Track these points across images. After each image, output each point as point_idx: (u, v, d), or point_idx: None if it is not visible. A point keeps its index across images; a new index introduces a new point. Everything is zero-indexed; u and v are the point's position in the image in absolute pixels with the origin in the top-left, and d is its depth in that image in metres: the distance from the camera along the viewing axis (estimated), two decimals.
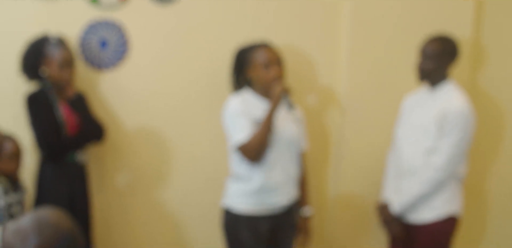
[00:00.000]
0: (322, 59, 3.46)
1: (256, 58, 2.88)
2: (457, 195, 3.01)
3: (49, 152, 3.03)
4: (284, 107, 2.81)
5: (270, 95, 2.81)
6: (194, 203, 3.52)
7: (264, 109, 2.83)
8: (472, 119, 2.90)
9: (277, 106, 2.77)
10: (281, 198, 2.92)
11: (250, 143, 2.78)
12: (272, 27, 3.34)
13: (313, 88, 3.48)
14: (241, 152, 2.82)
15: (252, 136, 2.78)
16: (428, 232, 2.98)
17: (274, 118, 2.79)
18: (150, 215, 3.52)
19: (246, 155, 2.81)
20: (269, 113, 2.77)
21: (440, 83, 2.98)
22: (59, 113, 3.03)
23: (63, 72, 3.01)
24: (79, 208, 3.10)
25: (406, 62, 3.22)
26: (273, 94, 2.78)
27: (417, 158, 2.96)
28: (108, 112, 3.33)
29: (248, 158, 2.81)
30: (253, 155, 2.79)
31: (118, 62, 3.31)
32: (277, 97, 2.76)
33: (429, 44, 2.96)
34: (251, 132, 2.79)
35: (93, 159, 3.32)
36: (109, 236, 3.47)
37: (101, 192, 3.40)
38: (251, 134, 2.79)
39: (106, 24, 3.26)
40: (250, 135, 2.79)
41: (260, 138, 2.77)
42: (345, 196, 3.51)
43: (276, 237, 2.99)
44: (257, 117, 2.83)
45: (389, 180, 3.17)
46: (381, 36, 3.37)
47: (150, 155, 3.46)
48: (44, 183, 3.05)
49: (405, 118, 3.13)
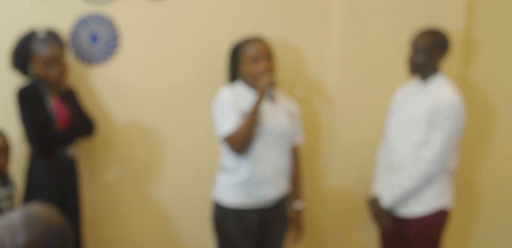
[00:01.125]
0: (313, 52, 3.45)
1: (246, 52, 2.90)
2: (448, 188, 3.01)
3: (40, 146, 3.01)
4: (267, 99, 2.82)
5: (256, 87, 2.84)
6: (186, 196, 3.52)
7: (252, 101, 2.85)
8: (462, 113, 2.90)
9: (262, 99, 2.79)
10: (270, 191, 2.92)
11: (235, 134, 2.80)
12: (263, 20, 3.34)
13: (304, 82, 3.48)
14: (227, 142, 2.85)
15: (238, 127, 2.80)
16: (418, 225, 2.99)
17: (260, 110, 2.81)
18: (141, 209, 3.52)
19: (231, 146, 2.83)
20: (254, 106, 2.79)
21: (431, 77, 2.99)
22: (49, 108, 3.01)
23: (50, 70, 2.98)
24: (70, 203, 3.08)
25: (397, 56, 3.22)
26: (258, 87, 2.81)
27: (408, 152, 2.96)
28: (99, 107, 3.32)
29: (234, 149, 2.83)
30: (238, 146, 2.81)
31: (109, 56, 3.30)
32: (262, 90, 2.78)
33: (420, 38, 2.97)
34: (237, 123, 2.81)
35: (83, 154, 3.31)
36: (100, 231, 3.46)
37: (92, 186, 3.39)
38: (237, 125, 2.80)
39: (96, 18, 3.24)
40: (237, 126, 2.80)
41: (245, 129, 2.79)
42: (337, 190, 3.51)
43: (266, 230, 2.99)
44: (246, 109, 2.84)
45: (379, 173, 3.17)
46: (372, 29, 3.37)
47: (141, 149, 3.45)
48: (34, 178, 3.04)
49: (395, 112, 3.13)
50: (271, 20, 3.37)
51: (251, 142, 2.83)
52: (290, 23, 3.41)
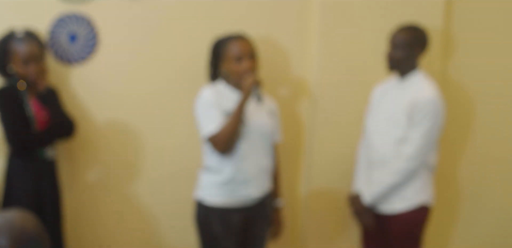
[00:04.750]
0: (293, 50, 3.46)
1: (229, 51, 2.89)
2: (428, 184, 3.03)
3: (18, 147, 2.99)
4: (253, 99, 2.82)
5: (241, 87, 2.82)
6: (167, 196, 3.50)
7: (236, 101, 2.84)
8: (441, 109, 2.93)
9: (247, 98, 2.79)
10: (253, 190, 2.92)
11: (220, 134, 2.79)
12: (244, 19, 3.33)
13: (285, 80, 3.48)
14: (211, 143, 2.83)
15: (222, 127, 2.79)
16: (400, 222, 3.00)
17: (244, 110, 2.80)
18: (123, 210, 3.50)
19: (216, 146, 2.82)
20: (239, 105, 2.78)
21: (410, 73, 3.00)
22: (28, 109, 2.99)
23: (28, 68, 2.96)
24: (49, 205, 3.07)
25: (377, 53, 3.23)
26: (244, 86, 2.79)
27: (388, 148, 2.98)
28: (78, 107, 3.30)
29: (218, 149, 2.82)
30: (222, 146, 2.80)
31: (88, 56, 3.27)
32: (247, 89, 2.77)
33: (398, 33, 2.98)
34: (221, 123, 2.80)
35: (63, 154, 3.28)
36: (81, 232, 3.44)
37: (72, 187, 3.37)
38: (222, 125, 2.79)
39: (75, 17, 3.21)
40: (221, 126, 2.80)
41: (229, 129, 2.78)
42: (317, 188, 3.52)
43: (249, 229, 2.99)
44: (229, 109, 2.83)
45: (360, 170, 3.18)
46: (352, 26, 3.38)
47: (121, 149, 3.43)
48: (13, 179, 3.01)
49: (375, 108, 3.14)
50: (253, 18, 3.36)
51: (236, 142, 2.82)
52: (271, 21, 3.41)
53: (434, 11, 3.40)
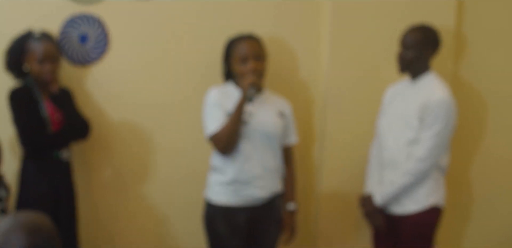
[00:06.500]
0: (304, 51, 3.45)
1: (236, 51, 2.91)
2: (440, 185, 3.02)
3: (33, 149, 2.99)
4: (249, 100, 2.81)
5: (241, 87, 2.84)
6: (180, 197, 3.51)
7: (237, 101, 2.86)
8: (453, 110, 2.91)
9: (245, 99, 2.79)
10: (257, 191, 2.92)
11: (219, 134, 2.82)
12: (255, 20, 3.32)
13: (296, 81, 3.47)
14: (212, 142, 2.86)
15: (222, 127, 2.80)
16: (411, 223, 2.99)
17: (244, 110, 2.80)
18: (136, 211, 3.51)
19: (216, 146, 2.85)
20: (238, 106, 2.80)
21: (422, 75, 2.99)
22: (43, 110, 3.00)
23: (44, 67, 2.97)
24: (64, 206, 3.07)
25: (388, 54, 3.21)
26: (242, 87, 2.81)
27: (399, 149, 2.96)
28: (90, 108, 3.30)
29: (219, 149, 2.85)
30: (222, 146, 2.83)
31: (99, 56, 3.28)
32: (244, 90, 2.78)
33: (409, 34, 2.97)
34: (223, 123, 2.81)
35: (77, 156, 3.29)
36: (95, 232, 3.45)
37: (87, 188, 3.38)
38: (222, 125, 2.80)
39: (86, 18, 3.22)
40: (221, 126, 2.80)
41: (228, 129, 2.80)
42: (329, 189, 3.51)
43: (256, 230, 2.98)
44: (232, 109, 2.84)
45: (372, 172, 3.17)
46: (363, 27, 3.36)
47: (134, 150, 3.44)
48: (27, 181, 3.01)
49: (387, 109, 3.13)
50: (262, 19, 3.35)
51: (235, 142, 2.83)
52: (281, 22, 3.41)
53: (446, 11, 3.38)
